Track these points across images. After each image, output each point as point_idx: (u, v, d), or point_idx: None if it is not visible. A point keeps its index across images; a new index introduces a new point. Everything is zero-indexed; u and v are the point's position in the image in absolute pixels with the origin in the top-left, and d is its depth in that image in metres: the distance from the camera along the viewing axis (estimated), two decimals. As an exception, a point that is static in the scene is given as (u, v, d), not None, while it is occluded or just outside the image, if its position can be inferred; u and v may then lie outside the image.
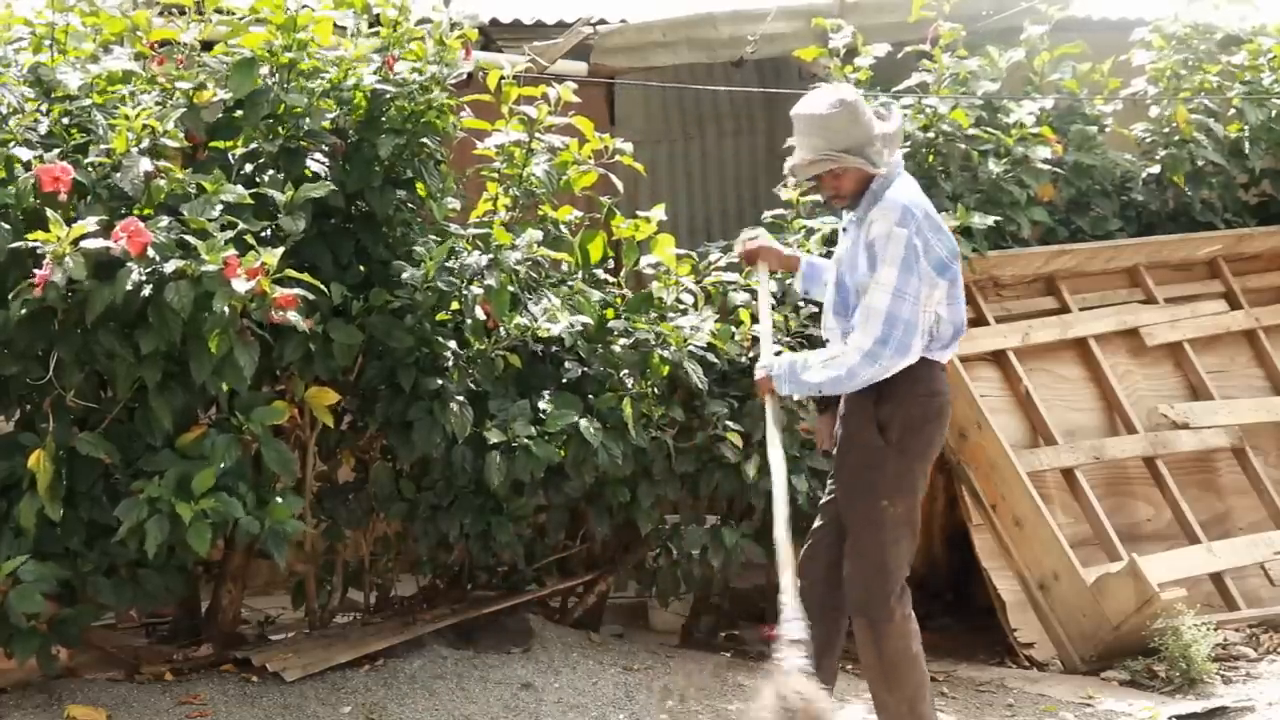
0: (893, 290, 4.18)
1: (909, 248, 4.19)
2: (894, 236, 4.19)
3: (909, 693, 4.38)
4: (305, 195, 4.91)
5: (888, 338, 4.19)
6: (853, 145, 4.26)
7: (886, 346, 4.19)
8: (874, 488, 4.34)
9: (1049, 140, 6.72)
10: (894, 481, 4.34)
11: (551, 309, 5.34)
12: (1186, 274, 7.25)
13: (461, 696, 5.18)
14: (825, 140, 4.27)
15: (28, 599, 4.62)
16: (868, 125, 4.29)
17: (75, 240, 4.44)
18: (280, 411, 4.95)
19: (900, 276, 4.18)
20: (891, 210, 4.23)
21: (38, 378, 4.73)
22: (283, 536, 4.81)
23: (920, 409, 4.34)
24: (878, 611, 4.32)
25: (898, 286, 4.18)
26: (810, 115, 4.31)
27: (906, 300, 4.19)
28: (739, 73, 8.28)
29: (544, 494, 5.54)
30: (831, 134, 4.27)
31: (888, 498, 4.33)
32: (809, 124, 4.31)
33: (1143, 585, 5.70)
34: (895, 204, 4.24)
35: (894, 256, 4.19)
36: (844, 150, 4.26)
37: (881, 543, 4.33)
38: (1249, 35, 7.51)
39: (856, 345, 4.23)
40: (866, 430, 4.33)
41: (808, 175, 4.39)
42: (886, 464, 4.33)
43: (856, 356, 4.22)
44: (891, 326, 4.18)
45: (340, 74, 5.20)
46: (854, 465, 4.39)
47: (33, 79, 4.96)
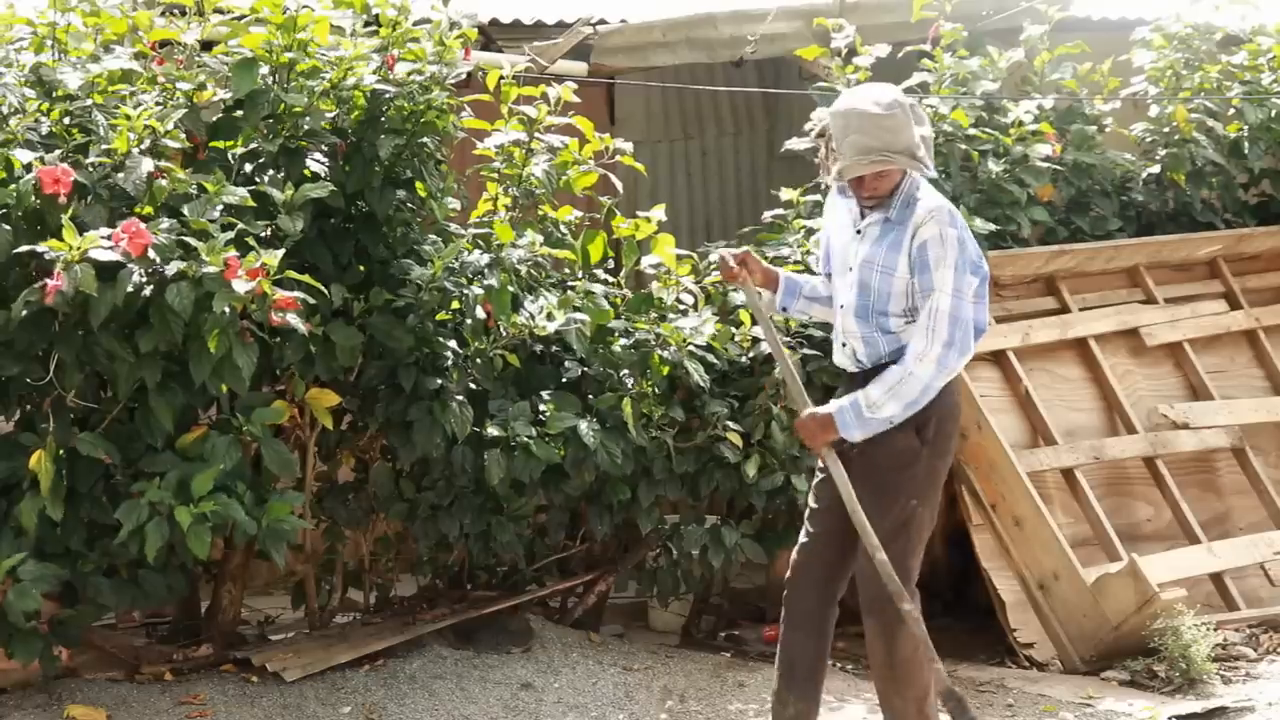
0: (952, 292, 4.16)
1: (962, 249, 4.19)
2: (948, 239, 4.17)
3: (917, 693, 4.36)
4: (305, 195, 4.91)
5: (953, 339, 4.16)
6: (909, 146, 4.18)
7: (953, 349, 4.17)
8: (904, 488, 4.29)
9: (1048, 138, 6.72)
10: (924, 482, 4.32)
11: (549, 306, 5.33)
12: (1186, 274, 7.24)
13: (461, 696, 5.18)
14: (882, 142, 4.16)
15: (26, 597, 4.62)
16: (919, 125, 4.24)
17: (85, 249, 4.44)
18: (280, 412, 4.95)
19: (957, 277, 4.17)
20: (939, 212, 4.20)
21: (38, 378, 4.73)
22: (281, 537, 4.81)
23: (949, 409, 4.33)
24: (890, 610, 4.27)
25: (956, 287, 4.17)
26: (872, 114, 4.17)
27: (965, 300, 4.19)
28: (739, 73, 8.28)
29: (544, 494, 5.54)
30: (888, 134, 4.16)
31: (918, 497, 4.30)
32: (869, 123, 4.16)
33: (1143, 585, 5.69)
34: (940, 206, 4.22)
35: (950, 259, 4.16)
36: (900, 152, 4.17)
37: (906, 542, 4.30)
38: (1249, 35, 7.50)
39: (924, 355, 4.16)
40: (902, 431, 4.25)
41: (858, 174, 4.23)
42: (919, 464, 4.29)
43: (931, 367, 4.16)
44: (955, 327, 4.16)
45: (340, 74, 5.20)
46: (885, 467, 4.29)
47: (34, 79, 4.96)
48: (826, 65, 6.89)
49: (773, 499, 5.83)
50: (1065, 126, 7.04)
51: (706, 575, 5.90)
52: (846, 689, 5.43)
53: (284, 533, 4.82)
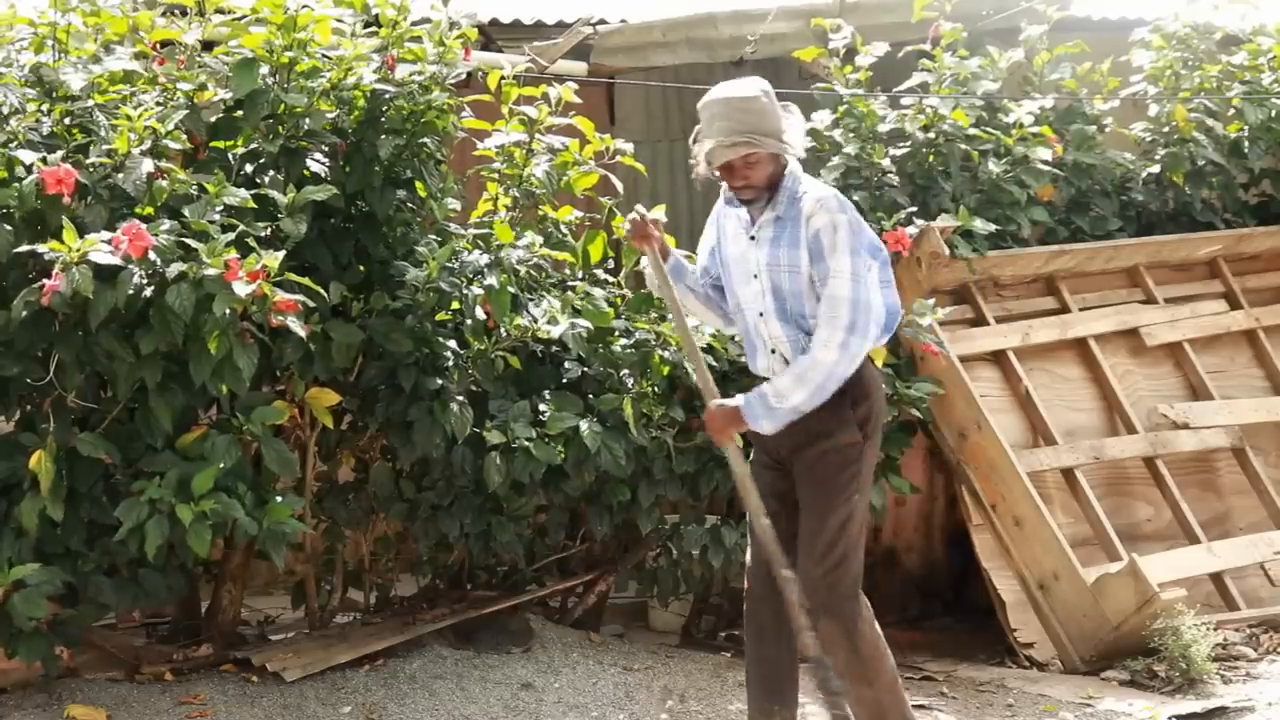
0: (850, 275, 4.14)
1: (854, 233, 4.17)
2: (838, 225, 4.15)
3: (888, 679, 4.36)
4: (306, 198, 4.91)
5: (854, 323, 4.14)
6: (770, 130, 4.18)
7: (855, 333, 4.14)
8: (848, 485, 4.29)
9: (1049, 140, 6.72)
10: (865, 474, 4.34)
11: (551, 310, 5.33)
12: (1186, 274, 7.25)
13: (461, 696, 5.19)
14: (745, 124, 4.16)
15: (33, 603, 4.63)
16: (780, 112, 4.25)
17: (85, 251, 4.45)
18: (280, 412, 4.95)
19: (854, 261, 4.15)
20: (827, 200, 4.18)
21: (38, 378, 4.74)
22: (281, 537, 4.81)
23: (881, 398, 4.37)
24: (848, 607, 4.28)
25: (854, 271, 4.15)
26: (728, 99, 4.20)
27: (862, 284, 4.16)
28: (739, 73, 8.26)
29: (544, 494, 5.54)
30: (752, 117, 4.17)
31: (859, 491, 4.32)
32: (729, 107, 4.19)
33: (1143, 585, 5.70)
34: (828, 195, 4.21)
35: (844, 243, 4.14)
36: (763, 134, 4.17)
37: (848, 539, 4.29)
38: (1249, 35, 7.50)
39: (827, 342, 4.15)
40: (846, 430, 4.26)
41: (725, 159, 4.22)
42: (863, 459, 4.31)
43: (834, 353, 4.14)
44: (857, 312, 4.13)
45: (340, 74, 5.20)
46: (834, 465, 4.29)
47: (35, 79, 4.97)
48: (826, 65, 6.90)
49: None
50: (1065, 127, 7.04)
51: (706, 575, 5.90)
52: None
53: (284, 534, 4.82)
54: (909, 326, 5.94)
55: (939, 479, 6.81)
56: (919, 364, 6.22)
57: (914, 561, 6.99)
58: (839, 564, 4.27)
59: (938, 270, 6.29)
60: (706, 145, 4.22)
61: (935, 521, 6.95)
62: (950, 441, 6.30)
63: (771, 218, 4.27)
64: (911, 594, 6.95)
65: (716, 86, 4.31)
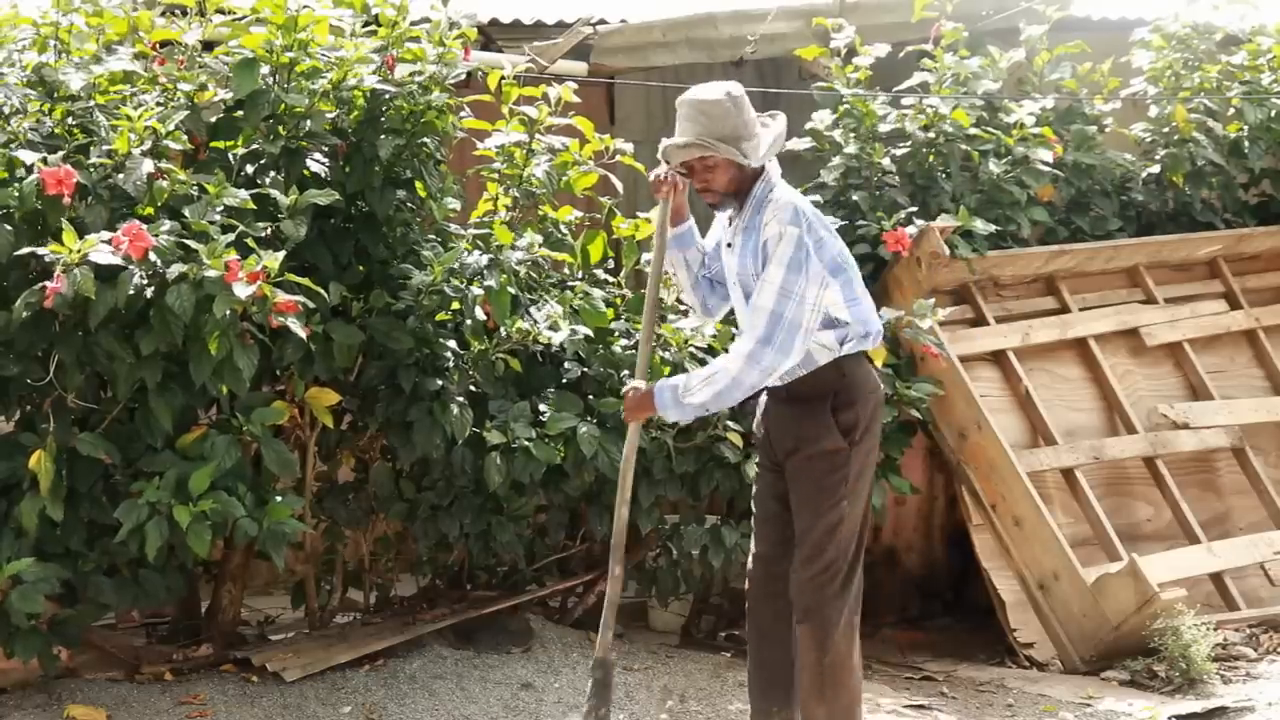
0: (779, 289, 4.10)
1: (799, 246, 4.12)
2: (786, 236, 4.12)
3: (843, 703, 4.31)
4: (308, 201, 4.91)
5: (770, 337, 4.10)
6: (728, 135, 4.18)
7: (769, 346, 4.10)
8: (836, 490, 4.27)
9: (1049, 141, 6.72)
10: (854, 481, 4.30)
11: (553, 316, 5.34)
12: (1186, 274, 7.25)
13: (461, 696, 5.19)
14: (702, 126, 4.19)
15: (30, 600, 4.63)
16: (748, 122, 4.23)
17: (85, 252, 4.45)
18: (280, 412, 4.96)
19: (788, 275, 4.10)
20: (783, 210, 4.16)
21: (38, 378, 4.74)
22: (281, 537, 4.81)
23: (873, 406, 4.34)
24: (826, 614, 4.27)
25: (784, 285, 4.10)
26: (692, 100, 4.23)
27: (792, 299, 4.10)
28: (739, 73, 8.26)
29: (544, 494, 5.54)
30: (709, 121, 4.18)
31: (848, 498, 4.29)
32: (690, 108, 4.23)
33: (1143, 585, 5.70)
34: (786, 204, 4.18)
35: (783, 256, 4.11)
36: (718, 139, 4.18)
37: (835, 544, 4.28)
38: (1249, 35, 7.50)
39: (739, 350, 4.13)
40: (829, 436, 4.25)
41: (679, 160, 4.28)
42: (850, 465, 4.28)
43: (740, 362, 4.12)
44: (775, 326, 4.09)
45: (340, 74, 5.20)
46: (816, 473, 4.29)
47: (36, 79, 4.97)
48: (826, 65, 6.90)
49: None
50: (1065, 127, 7.04)
51: (706, 575, 5.90)
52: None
53: (284, 534, 4.82)
54: (909, 327, 5.94)
55: (939, 479, 6.81)
56: (919, 364, 6.23)
57: (914, 561, 6.99)
58: (826, 568, 4.27)
59: (938, 270, 6.29)
60: (664, 143, 4.29)
61: (935, 521, 6.95)
62: (950, 441, 6.31)
63: (742, 226, 4.29)
64: (911, 594, 6.95)
65: (693, 88, 4.33)
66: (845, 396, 4.27)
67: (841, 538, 4.29)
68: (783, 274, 4.11)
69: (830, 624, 4.27)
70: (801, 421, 4.30)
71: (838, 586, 4.28)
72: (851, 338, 4.26)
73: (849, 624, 4.32)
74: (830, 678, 4.29)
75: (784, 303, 4.10)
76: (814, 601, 4.28)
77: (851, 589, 4.33)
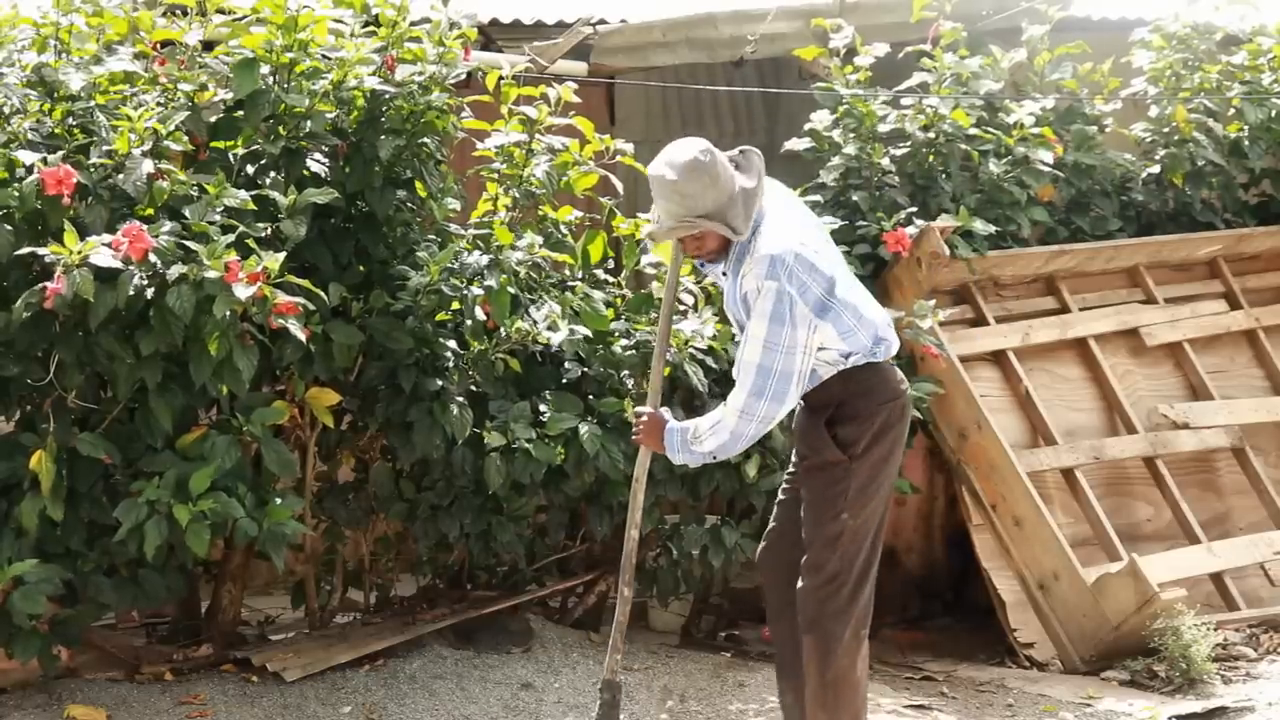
0: (763, 343, 4.05)
1: (780, 299, 4.05)
2: (764, 291, 4.05)
3: (848, 716, 4.30)
4: (307, 201, 4.91)
5: (761, 390, 4.07)
6: (712, 210, 4.10)
7: (761, 399, 4.07)
8: (835, 503, 4.24)
9: (1050, 141, 6.72)
10: (856, 495, 4.25)
11: (552, 316, 5.34)
12: (1186, 274, 7.25)
13: (461, 696, 5.19)
14: (683, 207, 4.10)
15: (32, 601, 4.63)
16: (726, 185, 4.12)
17: (85, 254, 4.45)
18: (280, 412, 4.96)
19: (770, 328, 4.05)
20: (759, 264, 4.08)
21: (38, 378, 4.74)
22: (281, 537, 4.82)
23: (883, 418, 4.25)
24: (828, 627, 4.24)
25: (767, 339, 4.05)
26: (665, 180, 4.09)
27: (778, 352, 4.06)
28: (739, 73, 8.28)
29: (544, 494, 5.54)
30: (688, 200, 4.09)
31: (848, 510, 4.25)
32: (665, 188, 4.11)
33: (1143, 585, 5.70)
34: (762, 258, 4.08)
35: (762, 310, 4.06)
36: (703, 216, 4.10)
37: (838, 557, 4.25)
38: (1249, 35, 7.50)
39: (733, 405, 4.12)
40: (827, 450, 4.23)
41: (668, 239, 4.28)
42: (850, 479, 4.23)
43: (734, 417, 4.12)
44: (765, 379, 4.06)
45: (340, 74, 5.20)
46: (818, 484, 4.28)
47: (36, 79, 4.97)
48: (826, 65, 6.90)
49: (773, 499, 5.77)
50: (1065, 127, 7.04)
51: (706, 575, 5.90)
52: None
53: (284, 534, 4.82)
54: (909, 328, 5.94)
55: (939, 479, 6.80)
56: (919, 364, 6.23)
57: (914, 561, 6.99)
58: (829, 581, 4.25)
59: (938, 270, 6.29)
60: (650, 225, 4.32)
61: (935, 521, 6.95)
62: (950, 441, 6.31)
63: (727, 270, 4.27)
64: (911, 594, 6.95)
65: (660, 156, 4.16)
66: (848, 409, 4.23)
67: (844, 551, 4.26)
68: (765, 328, 4.06)
69: (832, 638, 4.25)
70: (807, 432, 4.30)
71: (842, 601, 4.25)
72: (857, 352, 4.22)
73: (854, 638, 4.28)
74: (832, 693, 4.27)
75: (770, 355, 4.06)
76: (816, 614, 4.26)
77: (858, 603, 4.29)
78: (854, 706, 4.32)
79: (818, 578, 4.26)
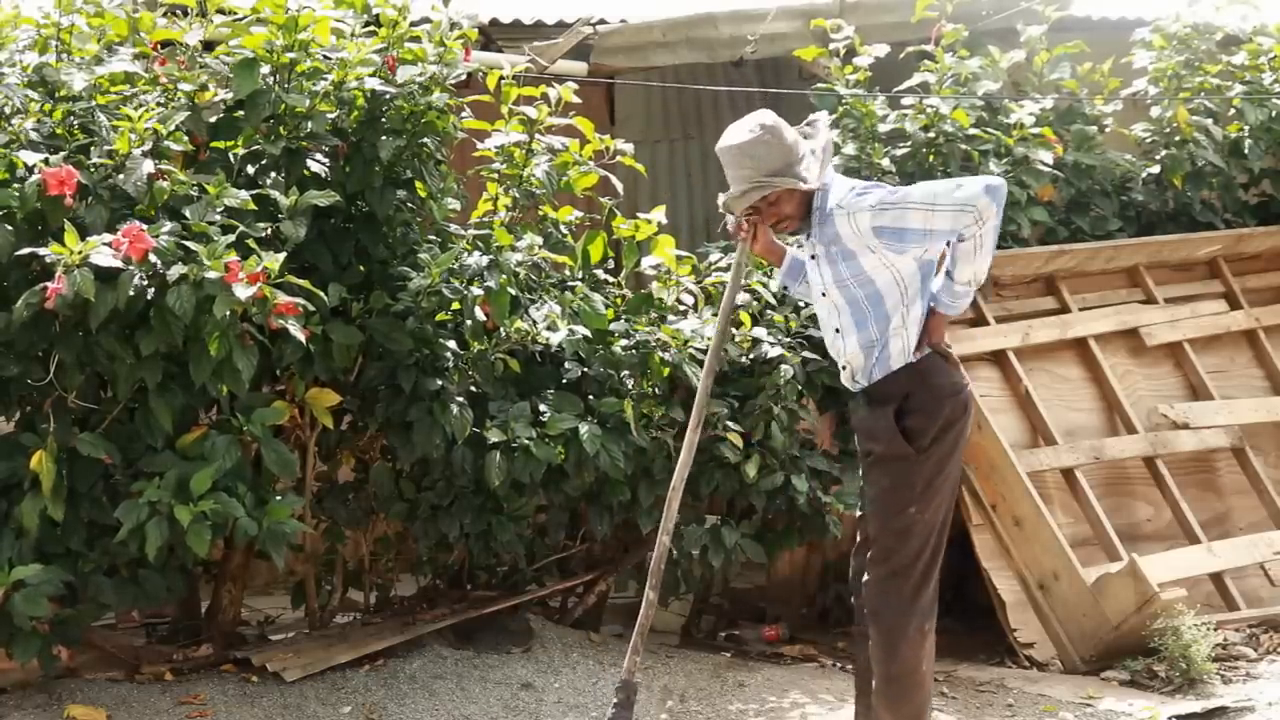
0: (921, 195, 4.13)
1: (892, 192, 4.16)
2: (882, 205, 4.12)
3: (911, 711, 4.32)
4: (308, 201, 4.91)
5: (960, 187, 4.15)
6: (780, 167, 4.19)
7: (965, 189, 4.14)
8: (903, 497, 4.25)
9: (1049, 141, 6.72)
10: (923, 489, 4.27)
11: (552, 315, 5.34)
12: (1186, 274, 7.25)
13: (461, 696, 5.19)
14: (751, 169, 4.20)
15: (34, 603, 4.64)
16: (793, 145, 4.23)
17: (86, 254, 4.46)
18: (280, 412, 4.96)
19: (921, 194, 4.13)
20: (849, 200, 4.16)
21: (39, 379, 4.74)
22: (281, 537, 4.82)
23: (949, 410, 4.27)
24: (894, 621, 4.26)
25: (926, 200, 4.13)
26: (731, 146, 4.23)
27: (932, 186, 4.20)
28: (739, 73, 8.28)
29: (544, 494, 5.54)
30: (757, 161, 4.19)
31: (916, 505, 4.26)
32: (733, 155, 4.23)
33: (1143, 585, 5.70)
34: (849, 196, 4.17)
35: (897, 204, 4.12)
36: (772, 174, 4.19)
37: (906, 551, 4.27)
38: (1249, 35, 7.50)
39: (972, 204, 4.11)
40: (894, 443, 4.24)
41: (743, 206, 4.30)
42: (916, 473, 4.25)
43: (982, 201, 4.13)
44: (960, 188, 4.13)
45: (341, 74, 5.20)
46: (885, 478, 4.28)
47: (37, 80, 4.97)
48: (826, 65, 6.90)
49: (773, 499, 5.83)
50: (1065, 127, 7.04)
51: (706, 575, 5.90)
52: (847, 689, 5.42)
53: (284, 534, 4.82)
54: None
55: (939, 479, 6.79)
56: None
57: (913, 562, 6.98)
58: (894, 573, 4.27)
59: (938, 270, 6.29)
60: (722, 197, 4.31)
61: (935, 521, 6.94)
62: (950, 441, 6.30)
63: (819, 238, 4.28)
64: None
65: (726, 132, 4.28)
66: (915, 401, 4.25)
67: (912, 545, 4.27)
68: (919, 194, 4.13)
69: (896, 631, 4.26)
70: (873, 426, 4.30)
71: (908, 594, 4.27)
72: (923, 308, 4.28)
73: (919, 632, 4.29)
74: (896, 686, 4.29)
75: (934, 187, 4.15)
76: (880, 605, 4.28)
77: (923, 598, 4.31)
78: (917, 702, 4.34)
79: (883, 569, 4.28)
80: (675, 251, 5.85)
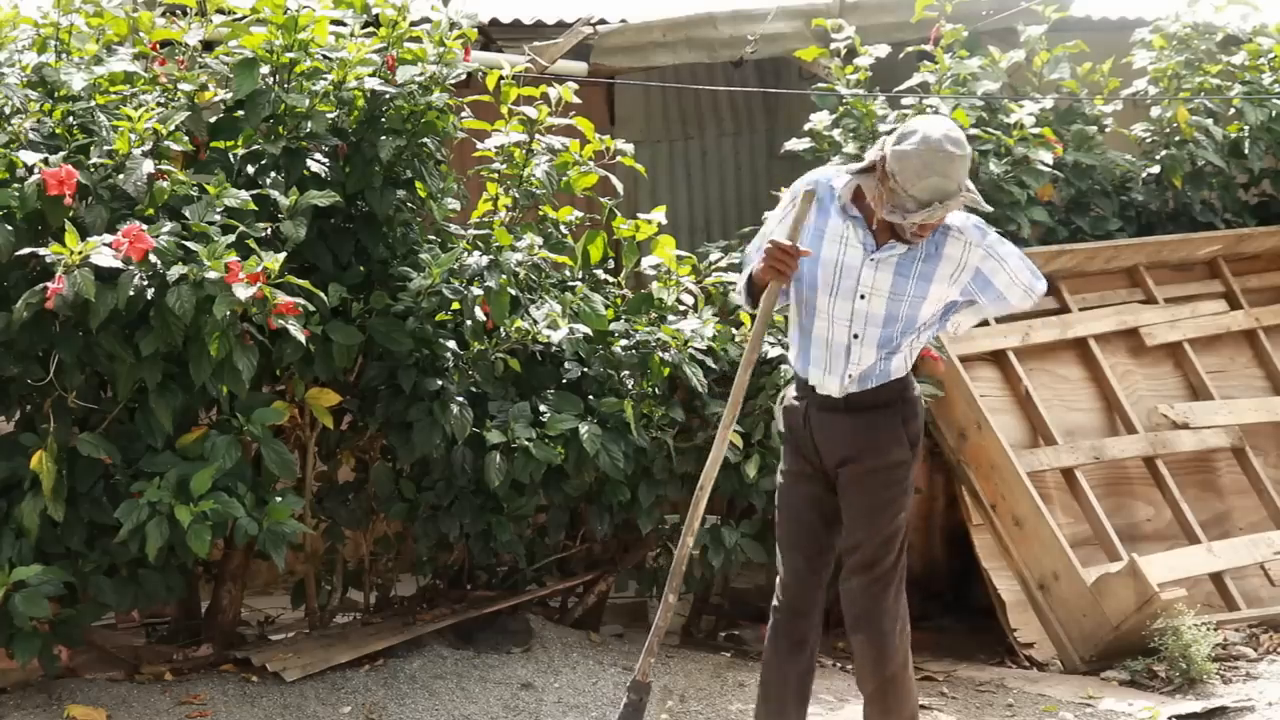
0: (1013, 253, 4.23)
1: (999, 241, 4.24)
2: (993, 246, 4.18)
3: (909, 712, 4.31)
4: (308, 201, 4.91)
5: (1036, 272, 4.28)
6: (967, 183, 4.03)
7: None
8: (896, 502, 4.24)
9: (1049, 141, 6.71)
10: (910, 492, 4.30)
11: (552, 315, 5.34)
12: (1186, 274, 7.25)
13: (461, 696, 5.19)
14: (963, 177, 3.96)
15: (34, 604, 4.64)
16: None
17: (86, 254, 4.46)
18: (280, 412, 4.96)
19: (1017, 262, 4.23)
20: (982, 234, 4.17)
21: (39, 379, 4.74)
22: (281, 537, 4.82)
23: (922, 413, 4.35)
24: (882, 624, 4.25)
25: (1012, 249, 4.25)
26: (951, 156, 3.91)
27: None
28: (739, 73, 8.28)
29: (544, 494, 5.54)
30: (962, 176, 3.96)
31: (904, 509, 4.27)
32: (959, 162, 3.93)
33: (1143, 585, 5.70)
34: (965, 228, 4.13)
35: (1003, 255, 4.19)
36: (968, 190, 4.00)
37: (890, 555, 4.26)
38: (1249, 35, 7.50)
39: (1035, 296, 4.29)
40: (899, 449, 4.22)
41: (943, 215, 4.00)
42: (909, 477, 4.28)
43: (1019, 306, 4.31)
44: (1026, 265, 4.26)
45: (341, 74, 5.20)
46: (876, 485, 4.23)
47: (37, 79, 4.97)
48: (826, 65, 6.90)
49: (773, 499, 5.79)
50: (1065, 127, 7.04)
51: (706, 575, 5.90)
52: (847, 689, 5.43)
53: (284, 534, 4.82)
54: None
55: (939, 479, 6.80)
56: (919, 365, 6.20)
57: (914, 561, 6.95)
58: (879, 578, 4.25)
59: (938, 270, 6.28)
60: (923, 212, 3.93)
61: (935, 521, 6.94)
62: (950, 441, 6.31)
63: (904, 249, 4.08)
64: (911, 594, 6.92)
65: (926, 131, 3.94)
66: (912, 407, 4.26)
67: (895, 548, 4.27)
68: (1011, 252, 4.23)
69: (885, 634, 4.24)
70: (866, 433, 4.21)
71: (893, 596, 4.26)
72: None
73: (901, 635, 4.28)
74: (891, 689, 4.27)
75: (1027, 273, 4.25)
76: (865, 609, 4.25)
77: (902, 601, 4.30)
78: (910, 705, 4.32)
79: (868, 575, 4.24)
80: (675, 251, 5.85)
